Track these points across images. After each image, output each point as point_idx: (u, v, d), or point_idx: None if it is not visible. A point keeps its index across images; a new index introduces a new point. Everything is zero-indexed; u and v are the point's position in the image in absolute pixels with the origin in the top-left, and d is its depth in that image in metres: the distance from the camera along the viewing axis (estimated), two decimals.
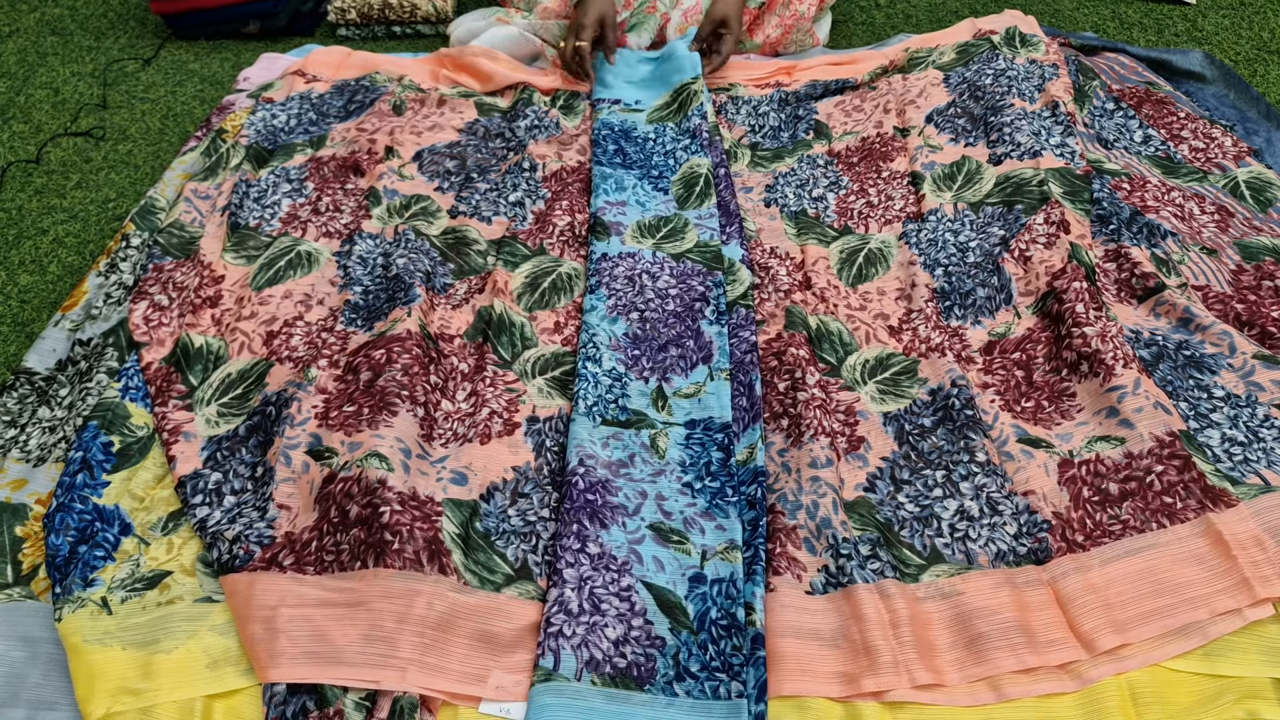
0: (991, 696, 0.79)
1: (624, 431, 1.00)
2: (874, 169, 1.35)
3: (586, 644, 0.82)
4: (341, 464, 0.95)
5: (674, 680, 0.80)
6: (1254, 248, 1.16)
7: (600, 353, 1.08)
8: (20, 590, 0.91)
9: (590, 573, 0.87)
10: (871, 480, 0.96)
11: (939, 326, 1.12)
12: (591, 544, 0.89)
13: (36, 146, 1.59)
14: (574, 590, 0.85)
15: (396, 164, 1.37)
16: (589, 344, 1.09)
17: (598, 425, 1.00)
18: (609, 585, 0.86)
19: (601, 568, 0.87)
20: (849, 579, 0.86)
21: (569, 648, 0.82)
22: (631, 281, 1.18)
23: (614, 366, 1.07)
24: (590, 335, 1.10)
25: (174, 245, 1.27)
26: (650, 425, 1.01)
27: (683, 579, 0.87)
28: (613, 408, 1.03)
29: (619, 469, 0.96)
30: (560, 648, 0.81)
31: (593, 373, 1.05)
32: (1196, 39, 1.66)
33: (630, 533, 0.91)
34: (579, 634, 0.83)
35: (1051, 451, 0.96)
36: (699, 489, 0.95)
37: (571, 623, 0.83)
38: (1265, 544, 0.84)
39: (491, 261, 1.23)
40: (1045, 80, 1.42)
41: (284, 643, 0.82)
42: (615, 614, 0.84)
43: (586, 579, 0.86)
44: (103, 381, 1.09)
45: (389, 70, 1.61)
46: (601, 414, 1.02)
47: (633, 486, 0.95)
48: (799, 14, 1.60)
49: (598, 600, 0.85)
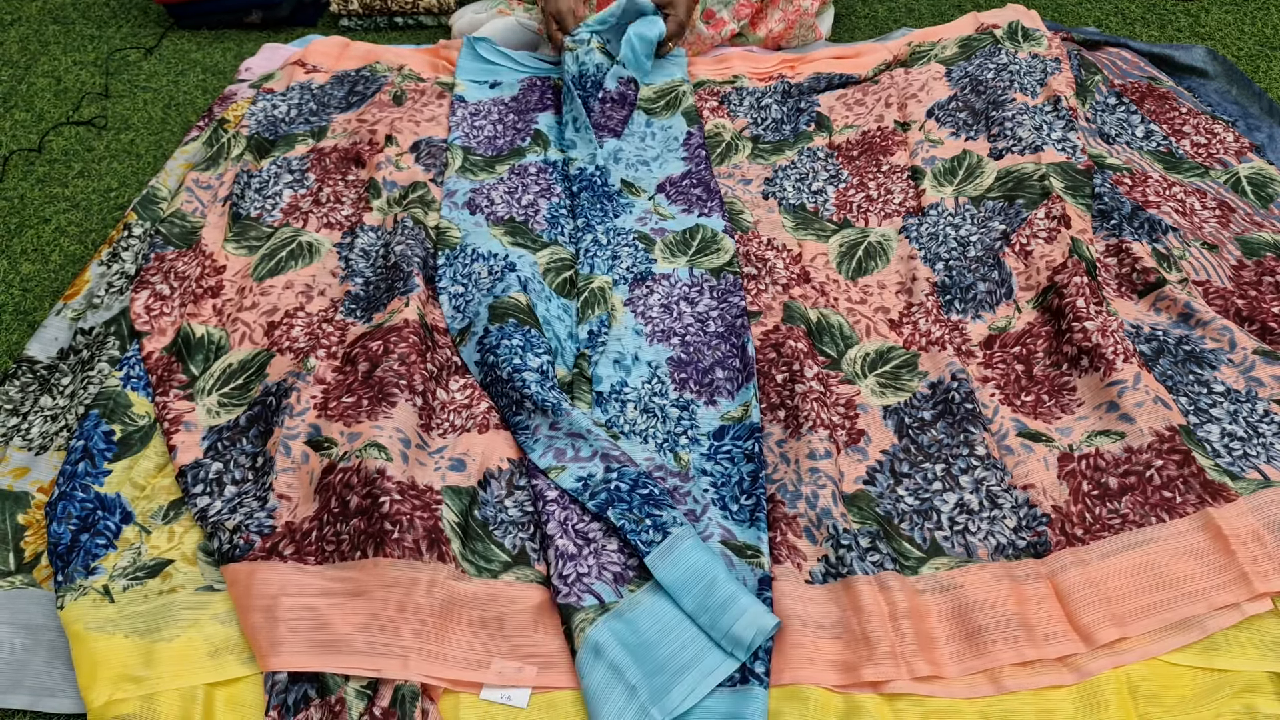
0: (990, 689, 0.79)
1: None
2: (874, 163, 1.35)
3: (603, 568, 0.84)
4: (341, 454, 0.95)
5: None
6: (1255, 243, 1.16)
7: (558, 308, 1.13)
8: (22, 578, 0.91)
9: (564, 514, 0.89)
10: (871, 473, 0.96)
11: (939, 320, 1.12)
12: (551, 491, 0.92)
13: (39, 135, 1.59)
14: (562, 537, 0.86)
15: (394, 153, 1.37)
16: (548, 298, 1.12)
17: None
18: (584, 517, 0.89)
19: (569, 503, 0.90)
20: (849, 570, 0.86)
21: (597, 580, 0.83)
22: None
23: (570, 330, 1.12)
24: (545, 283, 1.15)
25: (176, 235, 1.27)
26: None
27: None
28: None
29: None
30: (590, 584, 0.82)
31: (557, 315, 1.12)
32: (1199, 34, 1.66)
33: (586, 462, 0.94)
34: (591, 564, 0.84)
35: (1051, 445, 0.96)
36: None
37: (580, 562, 0.84)
38: (1264, 539, 0.84)
39: None
40: (1047, 75, 1.42)
41: (285, 631, 0.82)
42: (603, 534, 0.87)
43: (565, 520, 0.88)
44: (104, 370, 1.09)
45: (389, 60, 1.60)
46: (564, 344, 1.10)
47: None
48: (802, 9, 1.60)
49: (584, 533, 0.87)
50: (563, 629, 0.82)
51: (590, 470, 0.91)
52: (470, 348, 1.08)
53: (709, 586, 0.80)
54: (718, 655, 0.76)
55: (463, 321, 1.11)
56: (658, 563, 0.83)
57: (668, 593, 0.81)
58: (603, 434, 0.96)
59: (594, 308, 1.12)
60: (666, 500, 0.88)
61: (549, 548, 0.86)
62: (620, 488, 0.89)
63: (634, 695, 0.74)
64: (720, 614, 0.78)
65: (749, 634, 0.77)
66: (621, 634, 0.79)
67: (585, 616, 0.80)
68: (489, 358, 1.04)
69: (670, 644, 0.78)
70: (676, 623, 0.79)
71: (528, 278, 1.14)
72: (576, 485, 0.90)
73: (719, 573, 0.81)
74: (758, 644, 0.77)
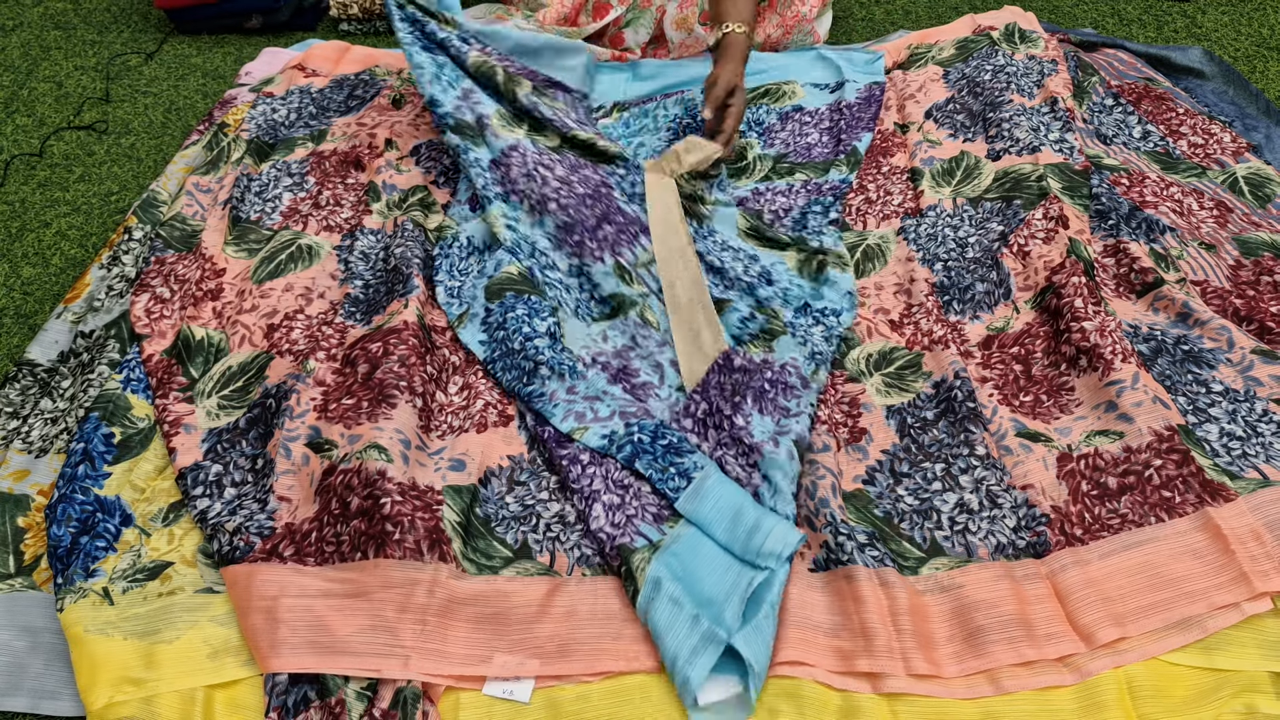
0: (990, 689, 0.79)
1: (613, 321, 1.09)
2: (874, 164, 1.36)
3: (644, 509, 0.90)
4: (341, 456, 0.95)
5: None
6: (1253, 243, 1.17)
7: (550, 257, 1.14)
8: (22, 580, 0.91)
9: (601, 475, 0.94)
10: (871, 473, 0.97)
11: (940, 320, 1.12)
12: (584, 454, 0.96)
13: (40, 140, 1.60)
14: (607, 493, 0.92)
15: (394, 157, 1.38)
16: (534, 253, 1.15)
17: (589, 325, 1.09)
18: (617, 468, 0.94)
19: (602, 459, 0.95)
20: (849, 558, 0.86)
21: (643, 523, 0.89)
22: (530, 177, 1.20)
23: (571, 263, 1.14)
24: (532, 245, 1.16)
25: (176, 238, 1.27)
26: (631, 303, 1.10)
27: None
28: (593, 304, 1.12)
29: (628, 351, 1.06)
30: (638, 527, 0.88)
31: (557, 279, 1.12)
32: (1196, 35, 1.67)
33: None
34: (636, 507, 0.90)
35: (1050, 445, 0.96)
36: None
37: (625, 508, 0.90)
38: (1263, 538, 0.84)
39: None
40: (1044, 76, 1.42)
41: (285, 633, 0.82)
42: (635, 480, 0.93)
43: (606, 475, 0.94)
44: (104, 373, 1.09)
45: (388, 64, 1.61)
46: (588, 314, 1.10)
47: (647, 361, 1.05)
48: (800, 14, 1.60)
49: (621, 482, 0.93)
50: (621, 571, 0.86)
51: (612, 428, 0.96)
52: (473, 329, 1.09)
53: (736, 517, 0.87)
54: (751, 572, 0.84)
55: (460, 307, 1.13)
56: (687, 505, 0.90)
57: (700, 528, 0.88)
58: (618, 391, 1.01)
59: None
60: (686, 445, 0.94)
61: (594, 502, 0.91)
62: (643, 440, 0.94)
63: (696, 623, 0.80)
64: (750, 538, 0.86)
65: (778, 548, 0.85)
66: (672, 566, 0.85)
67: (642, 556, 0.86)
68: (498, 334, 1.07)
69: (712, 574, 0.84)
70: (713, 552, 0.86)
71: (516, 242, 1.16)
72: (603, 443, 0.95)
73: (743, 503, 0.88)
74: (786, 555, 0.85)
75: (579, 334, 1.07)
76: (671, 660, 0.79)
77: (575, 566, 0.89)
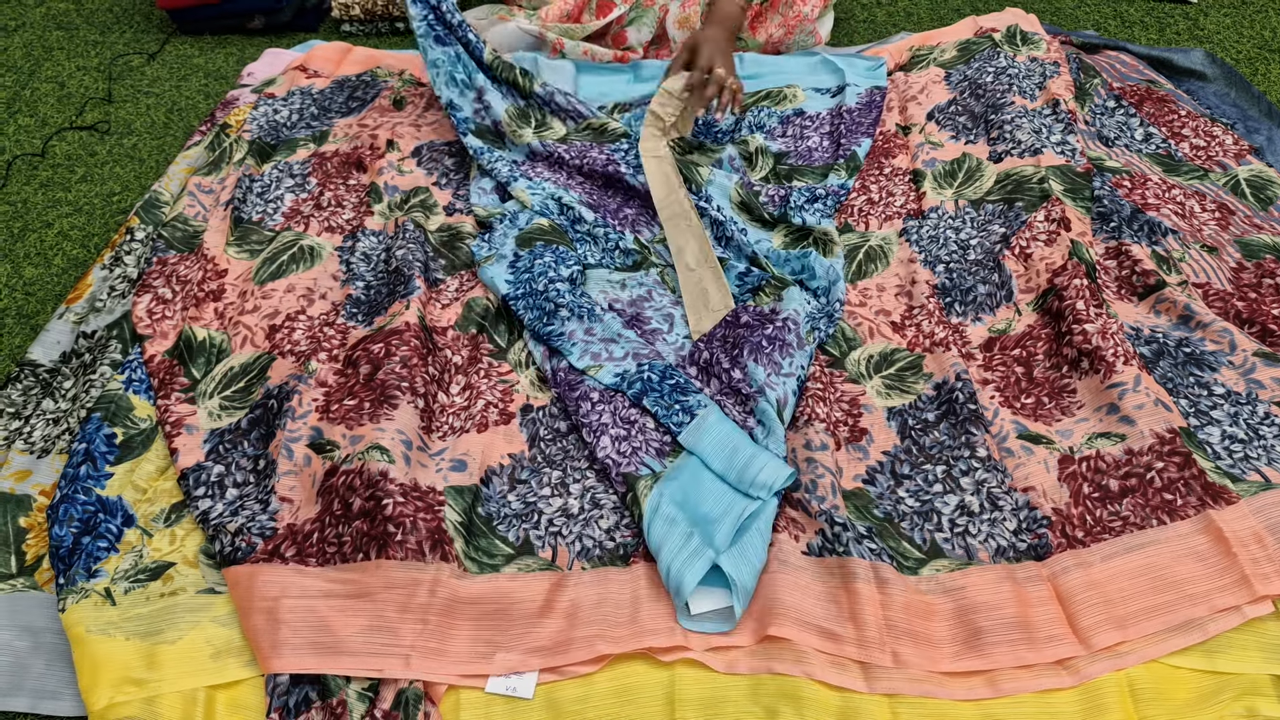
0: (989, 691, 0.79)
1: (634, 273, 1.18)
2: (876, 165, 1.36)
3: (648, 444, 0.97)
4: (343, 457, 0.95)
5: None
6: (1255, 245, 1.17)
7: (578, 210, 1.23)
8: (24, 581, 0.92)
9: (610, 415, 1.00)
10: (871, 474, 0.97)
11: (942, 322, 1.12)
12: (594, 392, 1.02)
13: (42, 140, 1.60)
14: (615, 426, 0.98)
15: (396, 158, 1.38)
16: (563, 209, 1.23)
17: (611, 272, 1.18)
18: (624, 406, 1.01)
19: (612, 397, 1.01)
20: (844, 549, 0.87)
21: (646, 455, 0.95)
22: (554, 170, 1.31)
23: (597, 216, 1.23)
24: (559, 201, 1.24)
25: (178, 239, 1.27)
26: (653, 264, 1.19)
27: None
28: (617, 254, 1.20)
29: (642, 301, 1.15)
30: (642, 458, 0.95)
31: (584, 230, 1.21)
32: (1198, 37, 1.67)
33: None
34: (640, 441, 0.97)
35: (1052, 448, 0.96)
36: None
37: (631, 440, 0.96)
38: (1265, 541, 0.84)
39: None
40: (1046, 78, 1.42)
41: (286, 633, 0.82)
42: (640, 417, 1.00)
43: (614, 410, 1.00)
44: (106, 374, 1.09)
45: (389, 65, 1.61)
46: (610, 263, 1.19)
47: (659, 313, 1.13)
48: (802, 15, 1.60)
49: (628, 418, 0.99)
50: (627, 497, 0.93)
51: (625, 367, 1.03)
52: (500, 268, 1.16)
53: (733, 451, 0.94)
54: (744, 500, 0.90)
55: (489, 250, 1.20)
56: (689, 439, 0.96)
57: (700, 460, 0.95)
58: (632, 335, 1.08)
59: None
60: (691, 386, 1.01)
61: (602, 435, 0.97)
62: (652, 379, 1.01)
63: (689, 539, 0.86)
64: (745, 470, 0.92)
65: (770, 480, 0.91)
66: (672, 493, 0.92)
67: (645, 484, 0.92)
68: (524, 275, 1.14)
69: (708, 499, 0.91)
70: (711, 481, 0.93)
71: (544, 203, 1.24)
72: (615, 380, 1.02)
73: (740, 439, 0.95)
74: (778, 487, 0.91)
75: (599, 280, 1.17)
76: (666, 571, 0.85)
77: (576, 560, 0.89)
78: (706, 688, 0.80)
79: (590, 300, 1.11)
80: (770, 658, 0.81)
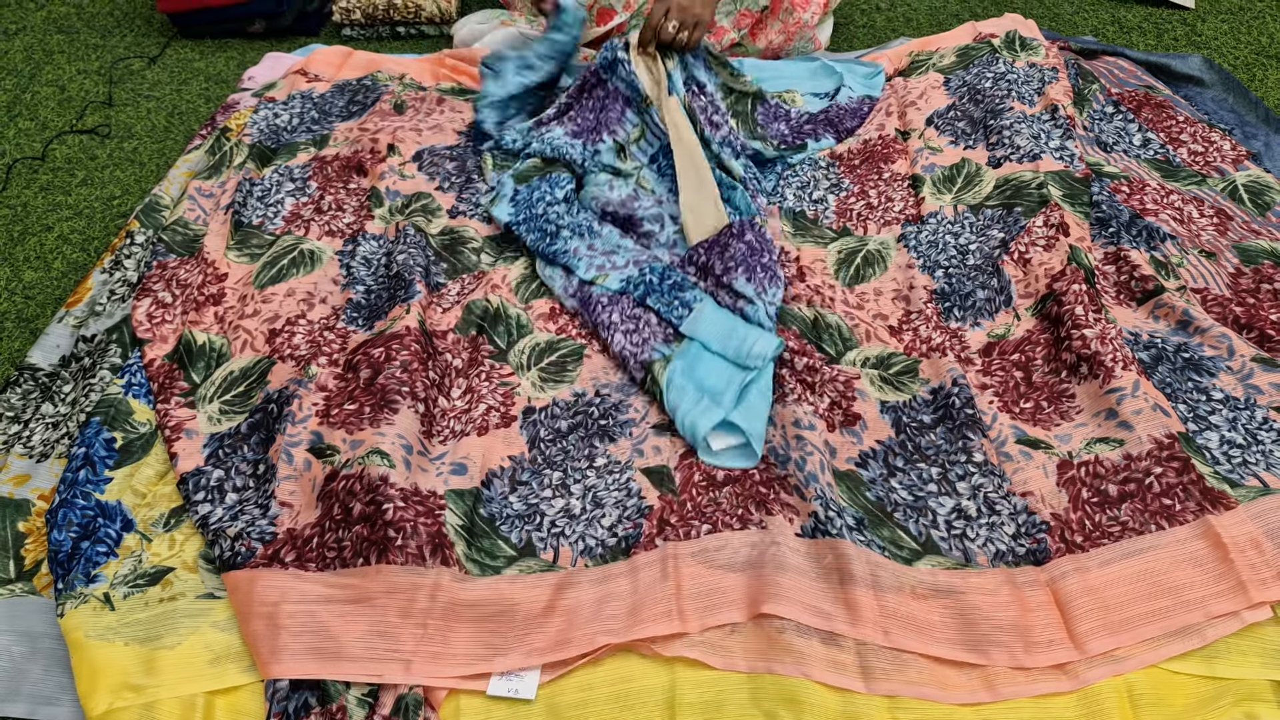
0: (988, 696, 0.79)
1: (617, 178, 1.31)
2: (875, 171, 1.36)
3: (654, 334, 1.11)
4: (343, 461, 0.95)
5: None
6: (1252, 251, 1.17)
7: (560, 133, 1.36)
8: (22, 586, 0.91)
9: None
10: (864, 458, 0.98)
11: (939, 327, 1.12)
12: (604, 297, 1.15)
13: (42, 143, 1.60)
14: (624, 323, 1.11)
15: (397, 162, 1.38)
16: (549, 144, 1.34)
17: (597, 175, 1.30)
18: (629, 307, 1.14)
19: (618, 299, 1.14)
20: (837, 533, 0.88)
21: (656, 343, 1.08)
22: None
23: (580, 139, 1.35)
24: (543, 139, 1.35)
25: (178, 243, 1.27)
26: (628, 175, 1.32)
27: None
28: (602, 163, 1.33)
29: (631, 201, 1.28)
30: (654, 346, 1.08)
31: (567, 143, 1.33)
32: (1195, 43, 1.67)
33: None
34: (649, 333, 1.10)
35: (1050, 453, 0.96)
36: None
37: (640, 333, 1.10)
38: (1263, 547, 0.85)
39: (486, 260, 1.24)
40: (1045, 84, 1.42)
41: (286, 639, 0.82)
42: (644, 313, 1.13)
43: (622, 311, 1.13)
44: (106, 378, 1.09)
45: (390, 69, 1.61)
46: (595, 169, 1.31)
47: (649, 213, 1.27)
48: (802, 21, 1.61)
49: (634, 315, 1.13)
50: (644, 379, 1.06)
51: (628, 274, 1.16)
52: (503, 205, 1.28)
53: (728, 332, 1.08)
54: (743, 372, 1.04)
55: (490, 195, 1.32)
56: (690, 328, 1.10)
57: (701, 344, 1.08)
58: (630, 244, 1.21)
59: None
60: (687, 284, 1.14)
61: (614, 331, 1.10)
62: (652, 280, 1.15)
63: (700, 400, 1.01)
64: (740, 345, 1.06)
65: (763, 350, 1.05)
66: (681, 368, 1.06)
67: (660, 365, 1.05)
68: (524, 205, 1.26)
69: (711, 375, 1.04)
70: (712, 360, 1.06)
71: (528, 143, 1.35)
72: (621, 285, 1.15)
73: (734, 322, 1.09)
74: (769, 357, 1.04)
75: (589, 185, 1.29)
76: (682, 424, 1.00)
77: (579, 559, 0.90)
78: (707, 691, 0.80)
79: (589, 218, 1.23)
80: (769, 658, 0.81)
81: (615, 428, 1.02)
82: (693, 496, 0.95)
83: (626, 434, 1.02)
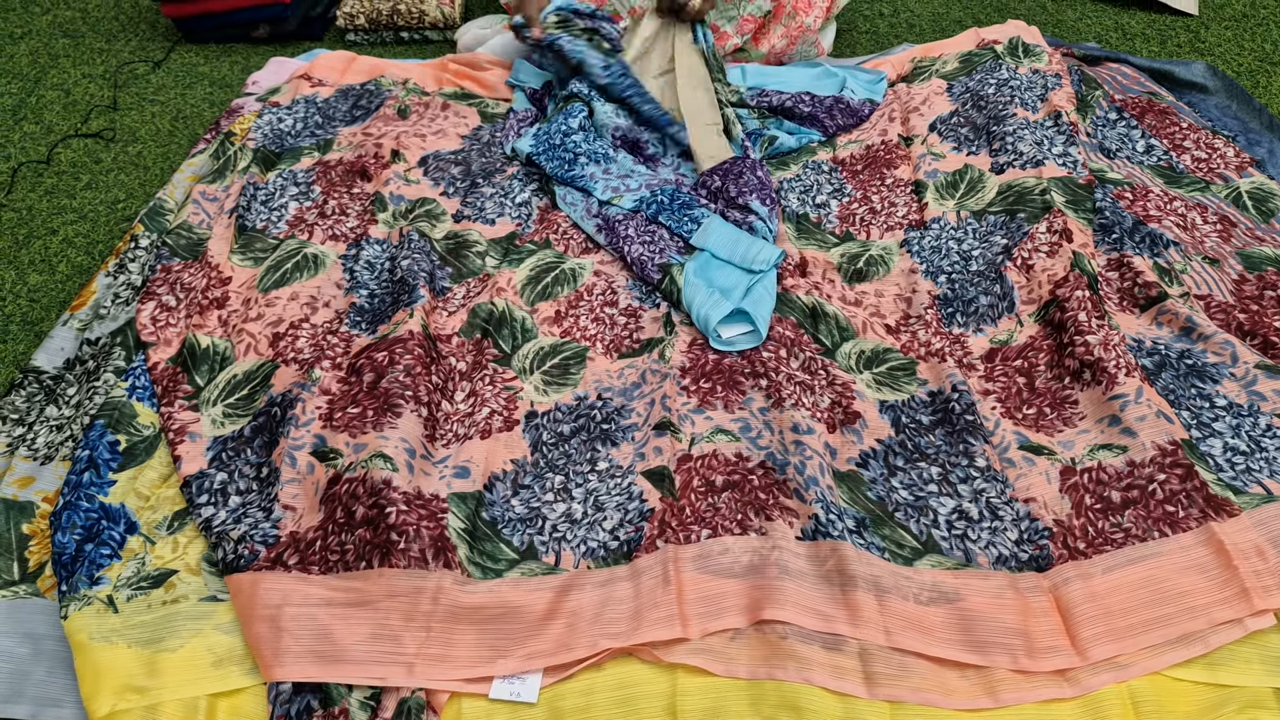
0: (990, 701, 0.79)
1: (621, 108, 1.44)
2: (878, 176, 1.36)
3: (669, 245, 1.24)
4: (346, 465, 0.95)
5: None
6: (1256, 258, 1.17)
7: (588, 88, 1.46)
8: (26, 587, 0.92)
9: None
10: (864, 458, 0.98)
11: (940, 333, 1.12)
12: (619, 215, 1.28)
13: (47, 147, 1.60)
14: (640, 236, 1.24)
15: (402, 168, 1.38)
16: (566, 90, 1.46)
17: (605, 104, 1.43)
18: (643, 224, 1.27)
19: (632, 216, 1.28)
20: (838, 535, 0.88)
21: (670, 252, 1.22)
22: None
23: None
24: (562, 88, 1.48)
25: (182, 246, 1.27)
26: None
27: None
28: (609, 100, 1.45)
29: (637, 128, 1.43)
30: (669, 254, 1.21)
31: (579, 87, 1.44)
32: (1199, 50, 1.67)
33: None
34: (663, 245, 1.23)
35: (1053, 459, 0.96)
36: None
37: (654, 244, 1.23)
38: (1266, 554, 0.84)
39: (491, 263, 1.24)
40: (1048, 90, 1.43)
41: (289, 641, 0.82)
42: (658, 229, 1.27)
43: (637, 226, 1.26)
44: (110, 381, 1.09)
45: (393, 74, 1.62)
46: (602, 101, 1.43)
47: (654, 137, 1.42)
48: (804, 25, 1.61)
49: (649, 230, 1.26)
50: (662, 279, 1.18)
51: (641, 195, 1.30)
52: (523, 141, 1.40)
53: (734, 242, 1.21)
54: (749, 275, 1.17)
55: (516, 141, 1.43)
56: (699, 240, 1.23)
57: (710, 253, 1.21)
58: (642, 169, 1.36)
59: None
60: (696, 203, 1.28)
61: (632, 244, 1.23)
62: (663, 200, 1.28)
63: (712, 294, 1.14)
64: (746, 252, 1.20)
65: (767, 256, 1.19)
66: (695, 269, 1.19)
67: (677, 268, 1.18)
68: (542, 138, 1.38)
69: (720, 276, 1.18)
70: (720, 266, 1.20)
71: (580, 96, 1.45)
72: (635, 204, 1.29)
73: (740, 234, 1.23)
74: (773, 263, 1.18)
75: (599, 112, 1.42)
76: (696, 315, 1.12)
77: (581, 560, 0.90)
78: (708, 698, 0.80)
79: (604, 145, 1.38)
80: (771, 664, 0.81)
81: (617, 432, 1.02)
82: (691, 501, 0.95)
83: (628, 438, 1.02)
